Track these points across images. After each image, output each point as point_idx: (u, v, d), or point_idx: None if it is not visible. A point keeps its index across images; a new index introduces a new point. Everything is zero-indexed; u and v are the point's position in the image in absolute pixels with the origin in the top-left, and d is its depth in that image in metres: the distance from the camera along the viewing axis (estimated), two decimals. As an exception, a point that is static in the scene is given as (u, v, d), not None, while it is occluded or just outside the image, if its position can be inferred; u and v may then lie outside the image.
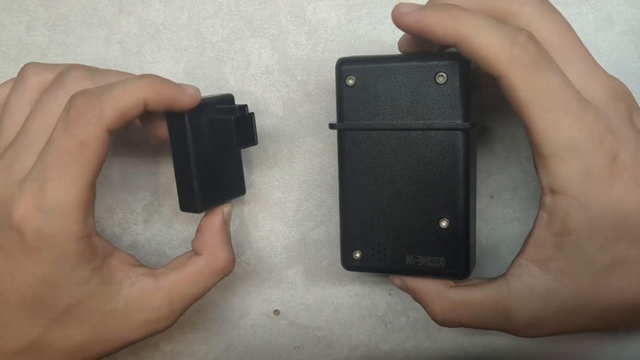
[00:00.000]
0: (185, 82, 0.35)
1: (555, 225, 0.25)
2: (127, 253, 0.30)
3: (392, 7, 0.34)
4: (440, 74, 0.28)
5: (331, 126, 0.30)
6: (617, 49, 0.34)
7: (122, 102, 0.26)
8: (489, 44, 0.24)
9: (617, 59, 0.31)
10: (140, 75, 0.28)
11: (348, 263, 0.31)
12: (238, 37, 0.35)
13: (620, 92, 0.25)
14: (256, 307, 0.37)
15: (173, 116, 0.29)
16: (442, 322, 0.29)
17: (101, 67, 0.35)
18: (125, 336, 0.29)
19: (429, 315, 0.29)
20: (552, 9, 0.26)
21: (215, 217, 0.31)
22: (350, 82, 0.29)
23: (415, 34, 0.26)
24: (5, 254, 0.27)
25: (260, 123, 0.35)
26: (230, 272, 0.31)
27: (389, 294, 0.36)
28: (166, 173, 0.36)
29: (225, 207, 0.32)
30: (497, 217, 0.35)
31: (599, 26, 0.34)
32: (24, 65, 0.30)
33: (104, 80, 0.28)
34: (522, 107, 0.24)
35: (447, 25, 0.24)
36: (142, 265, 0.30)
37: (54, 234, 0.26)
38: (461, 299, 0.28)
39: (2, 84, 0.31)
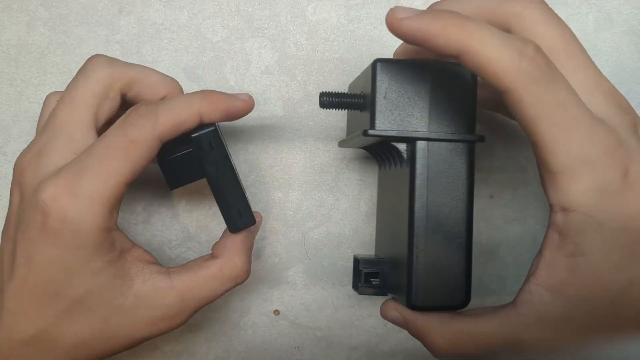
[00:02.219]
0: (185, 82, 0.35)
1: (568, 246, 0.24)
2: (145, 250, 0.30)
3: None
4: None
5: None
6: (617, 49, 0.34)
7: (177, 113, 0.27)
8: (495, 58, 0.22)
9: (617, 59, 0.31)
10: (198, 91, 0.29)
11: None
12: (238, 37, 0.35)
13: (624, 103, 0.25)
14: (256, 307, 0.37)
15: (201, 137, 0.28)
16: (444, 355, 0.26)
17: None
18: (131, 333, 0.29)
19: (429, 347, 0.27)
20: (555, 14, 0.26)
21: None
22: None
23: (412, 42, 0.24)
24: (26, 235, 0.27)
25: (260, 123, 0.35)
26: (242, 282, 0.31)
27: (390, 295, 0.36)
28: (166, 173, 0.36)
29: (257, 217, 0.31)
30: (497, 217, 0.35)
31: (599, 26, 0.34)
32: (90, 60, 0.30)
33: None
34: (531, 122, 0.23)
35: (450, 37, 0.22)
36: (158, 263, 0.30)
37: (79, 220, 0.26)
38: (467, 329, 0.26)
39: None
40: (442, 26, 0.22)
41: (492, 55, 0.22)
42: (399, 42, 0.34)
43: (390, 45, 0.35)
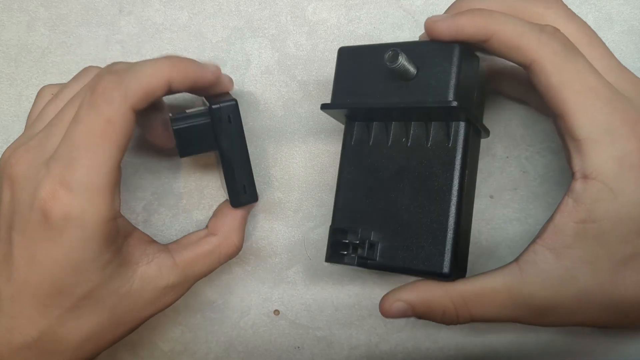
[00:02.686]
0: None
1: (580, 213, 0.25)
2: (141, 231, 0.31)
3: (396, 8, 0.34)
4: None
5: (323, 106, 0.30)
6: (617, 49, 0.34)
7: (146, 81, 0.26)
8: (519, 34, 0.24)
9: (617, 59, 0.31)
10: (164, 56, 0.28)
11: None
12: (238, 37, 0.35)
13: None
14: (256, 307, 0.37)
15: (221, 109, 0.28)
16: (457, 320, 0.28)
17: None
18: (137, 315, 0.29)
19: (443, 318, 0.28)
20: (574, 13, 0.27)
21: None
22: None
23: (447, 39, 0.26)
24: (26, 234, 0.26)
25: (260, 123, 0.35)
26: (234, 256, 0.32)
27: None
28: (166, 173, 0.36)
29: None
30: (497, 217, 0.35)
31: (599, 26, 0.34)
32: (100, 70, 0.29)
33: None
34: (555, 90, 0.24)
35: (478, 24, 0.25)
36: (155, 241, 0.31)
37: (82, 214, 0.25)
38: (471, 290, 0.27)
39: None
40: (471, 17, 0.25)
41: (516, 32, 0.25)
42: (399, 41, 0.34)
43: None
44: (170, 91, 0.28)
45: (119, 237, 0.28)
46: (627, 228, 0.24)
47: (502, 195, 0.35)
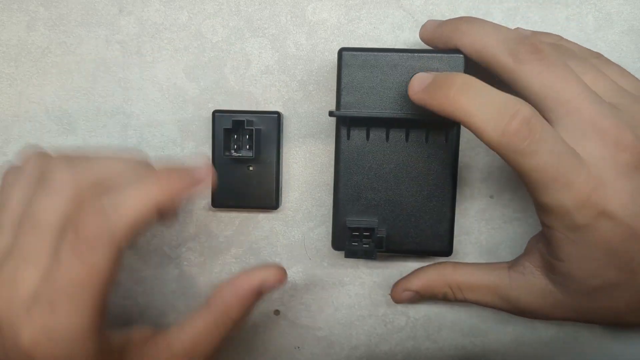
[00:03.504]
0: (185, 82, 0.35)
1: (552, 249, 0.28)
2: (140, 327, 0.29)
3: (396, 8, 0.34)
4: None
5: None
6: (617, 49, 0.34)
7: (133, 217, 0.25)
8: (482, 130, 0.25)
9: (617, 59, 0.31)
10: (147, 179, 0.26)
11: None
12: (238, 37, 0.35)
13: (625, 140, 0.26)
14: (256, 307, 0.37)
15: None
16: (455, 299, 0.32)
17: (101, 67, 0.35)
18: None
19: (445, 298, 0.32)
20: (558, 65, 0.27)
21: (256, 276, 0.30)
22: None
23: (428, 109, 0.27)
24: None
25: (260, 123, 0.35)
26: (239, 329, 0.30)
27: (389, 294, 0.36)
28: (166, 173, 0.36)
29: (273, 275, 0.30)
30: (497, 217, 0.35)
31: (599, 26, 0.34)
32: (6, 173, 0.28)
33: (92, 173, 0.26)
34: (520, 176, 0.26)
35: (446, 110, 0.26)
36: (156, 332, 0.29)
37: (67, 358, 0.25)
38: (467, 280, 0.31)
39: None
40: (439, 101, 0.26)
41: (480, 128, 0.25)
42: (399, 41, 0.34)
43: (390, 46, 0.35)
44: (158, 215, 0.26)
45: (113, 352, 0.27)
46: (591, 266, 0.27)
47: (502, 195, 0.35)
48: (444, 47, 0.30)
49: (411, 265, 0.35)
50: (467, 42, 0.28)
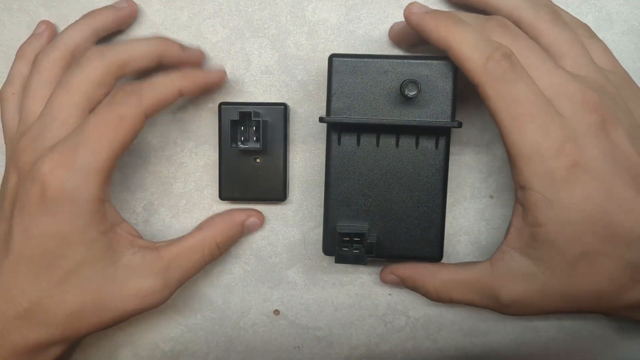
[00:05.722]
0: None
1: (529, 217, 0.28)
2: (132, 227, 0.32)
3: (396, 8, 0.34)
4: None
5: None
6: (617, 49, 0.34)
7: (160, 93, 0.30)
8: (469, 57, 0.27)
9: (617, 59, 0.31)
10: (176, 69, 0.32)
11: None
12: (238, 37, 0.35)
13: (593, 103, 0.27)
14: (256, 307, 0.37)
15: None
16: (437, 299, 0.32)
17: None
18: (121, 305, 0.30)
19: (425, 295, 0.32)
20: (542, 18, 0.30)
21: (241, 214, 0.35)
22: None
23: (417, 32, 0.30)
24: (24, 209, 0.28)
25: (260, 123, 0.35)
26: (216, 258, 0.34)
27: (389, 294, 0.36)
28: (166, 173, 0.36)
29: (253, 216, 0.35)
30: (497, 217, 0.35)
31: (599, 26, 0.34)
32: (40, 53, 0.32)
33: (120, 55, 0.31)
34: (494, 113, 0.28)
35: (440, 35, 0.28)
36: (143, 238, 0.32)
37: (75, 190, 0.28)
38: (451, 278, 0.31)
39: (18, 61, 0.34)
40: (435, 25, 0.29)
41: (467, 54, 0.28)
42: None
43: (390, 46, 0.35)
44: (179, 97, 0.31)
45: (106, 221, 0.30)
46: (570, 230, 0.27)
47: (502, 195, 0.35)
48: (414, 42, 0.32)
49: (411, 265, 0.35)
50: (434, 38, 0.29)
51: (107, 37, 0.35)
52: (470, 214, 0.35)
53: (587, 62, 0.29)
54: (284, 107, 0.34)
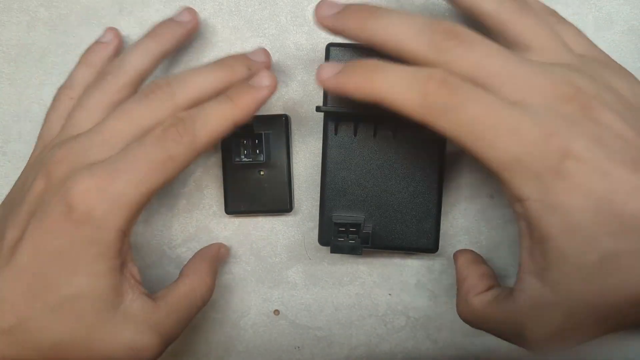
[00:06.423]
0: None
1: (535, 233, 0.25)
2: (137, 269, 0.30)
3: (393, 6, 0.34)
4: None
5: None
6: (617, 49, 0.34)
7: (214, 131, 0.28)
8: (404, 102, 0.25)
9: (617, 59, 0.31)
10: (230, 98, 0.29)
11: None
12: (238, 37, 0.35)
13: (565, 92, 0.25)
14: (256, 307, 0.37)
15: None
16: (466, 322, 0.30)
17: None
18: (110, 353, 0.28)
19: (457, 308, 0.31)
20: None
21: (213, 248, 0.35)
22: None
23: (341, 96, 0.27)
24: (43, 223, 0.27)
25: (260, 123, 0.35)
26: (208, 301, 0.33)
27: (389, 294, 0.36)
28: (166, 173, 0.36)
29: (223, 247, 0.36)
30: (497, 217, 0.35)
31: (599, 26, 0.34)
32: (110, 74, 0.31)
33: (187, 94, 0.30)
34: (457, 143, 0.25)
35: (365, 92, 0.26)
36: (141, 284, 0.30)
37: (102, 218, 0.27)
38: (481, 311, 0.29)
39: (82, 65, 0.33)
40: (354, 86, 0.26)
41: (400, 101, 0.25)
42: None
43: (390, 45, 0.35)
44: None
45: (120, 257, 0.28)
46: (581, 236, 0.23)
47: (502, 195, 0.35)
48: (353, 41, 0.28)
49: (411, 263, 0.35)
50: (379, 40, 0.27)
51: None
52: (470, 214, 0.35)
53: (558, 49, 0.27)
54: (285, 118, 0.34)
